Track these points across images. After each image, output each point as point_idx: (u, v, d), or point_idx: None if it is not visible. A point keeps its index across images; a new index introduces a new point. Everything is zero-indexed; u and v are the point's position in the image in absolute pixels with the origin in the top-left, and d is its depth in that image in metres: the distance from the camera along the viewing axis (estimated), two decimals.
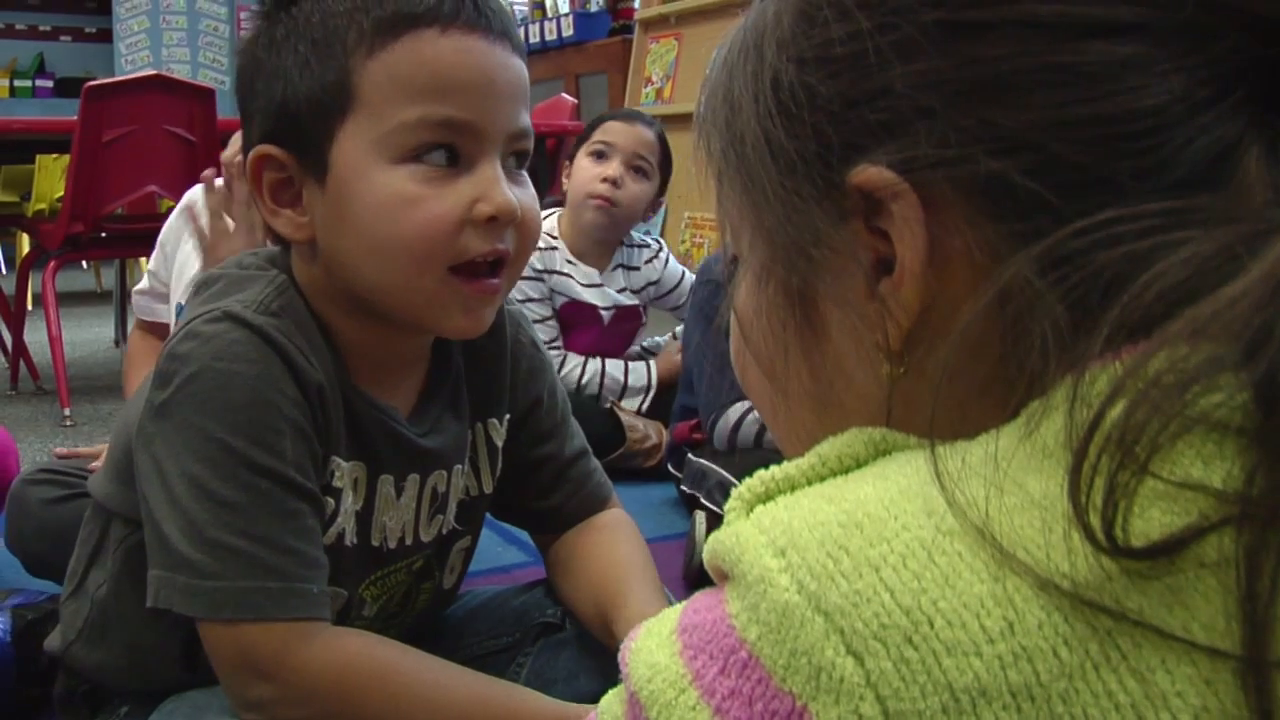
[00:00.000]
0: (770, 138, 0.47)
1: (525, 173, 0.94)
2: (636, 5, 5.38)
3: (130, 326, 3.78)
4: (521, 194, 0.91)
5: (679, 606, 0.44)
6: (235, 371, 0.87)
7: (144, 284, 1.92)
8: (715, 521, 1.76)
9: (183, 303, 1.76)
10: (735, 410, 1.98)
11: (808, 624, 0.36)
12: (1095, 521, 0.35)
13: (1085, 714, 0.34)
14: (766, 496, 0.42)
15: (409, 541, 1.04)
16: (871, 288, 0.45)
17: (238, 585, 0.85)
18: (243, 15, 7.77)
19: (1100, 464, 0.35)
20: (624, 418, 2.34)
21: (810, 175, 0.46)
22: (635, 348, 2.70)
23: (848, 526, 0.38)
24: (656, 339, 2.73)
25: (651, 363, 2.54)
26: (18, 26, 8.03)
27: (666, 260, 2.65)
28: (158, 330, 1.86)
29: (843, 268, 0.46)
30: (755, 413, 1.96)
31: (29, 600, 1.33)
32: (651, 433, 2.33)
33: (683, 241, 4.74)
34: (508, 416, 1.11)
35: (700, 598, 0.42)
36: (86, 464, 1.65)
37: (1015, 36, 0.42)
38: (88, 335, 4.36)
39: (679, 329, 2.70)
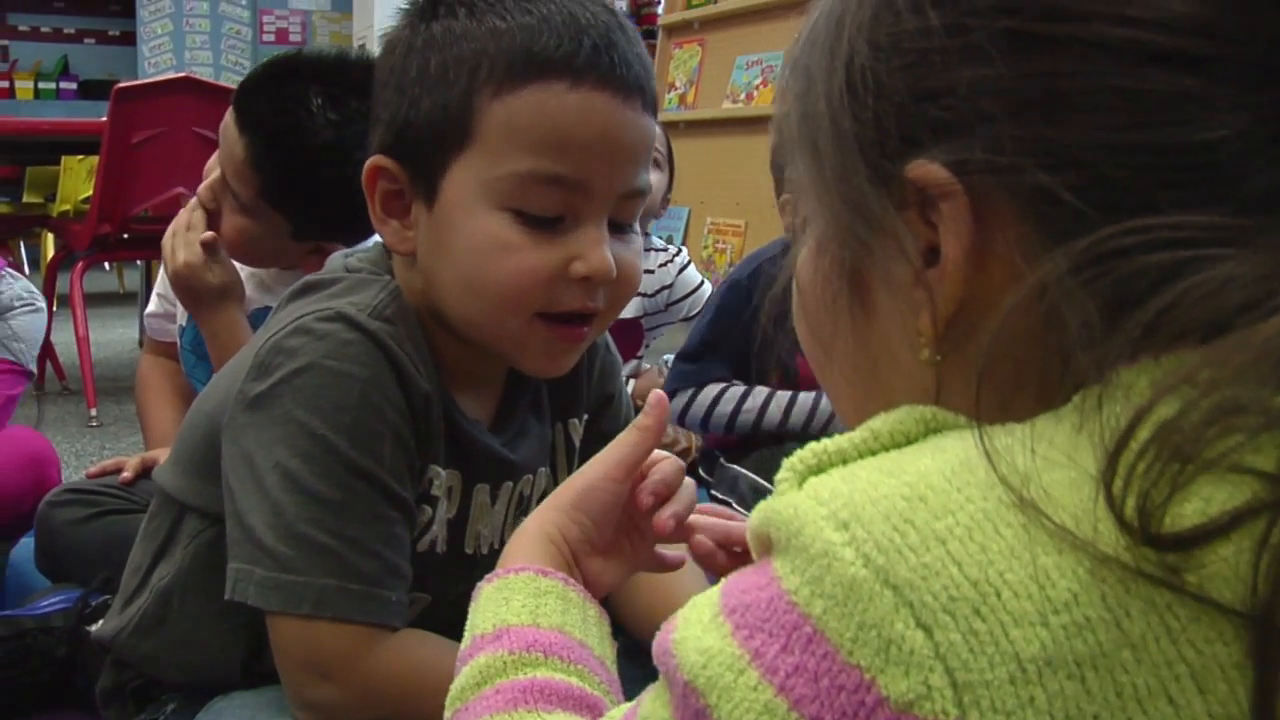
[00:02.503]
0: (836, 117, 0.48)
1: (634, 228, 0.94)
2: (660, 11, 5.38)
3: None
4: (622, 252, 0.90)
5: (713, 592, 0.44)
6: (346, 372, 0.87)
7: (154, 306, 1.89)
8: None
9: (184, 323, 1.76)
10: (706, 395, 1.97)
11: (876, 598, 0.37)
12: (1129, 512, 0.36)
13: (1146, 684, 0.35)
14: (818, 469, 0.42)
15: (497, 546, 1.04)
16: (918, 275, 0.46)
17: (320, 582, 0.84)
18: (265, 19, 7.81)
19: (1145, 458, 0.36)
20: None
21: (869, 160, 0.47)
22: (647, 364, 2.68)
23: (911, 500, 0.38)
24: (670, 356, 2.72)
25: (630, 382, 2.52)
26: (42, 29, 8.08)
27: (684, 266, 2.62)
28: (170, 352, 1.85)
29: (893, 252, 0.47)
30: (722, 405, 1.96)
31: (69, 599, 1.33)
32: (681, 437, 2.32)
33: (705, 247, 4.73)
34: (585, 416, 1.11)
35: (740, 578, 0.43)
36: (115, 479, 1.63)
37: (1082, 55, 0.42)
38: (111, 336, 4.38)
39: (668, 357, 2.68)
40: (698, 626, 0.42)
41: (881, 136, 0.46)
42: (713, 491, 2.06)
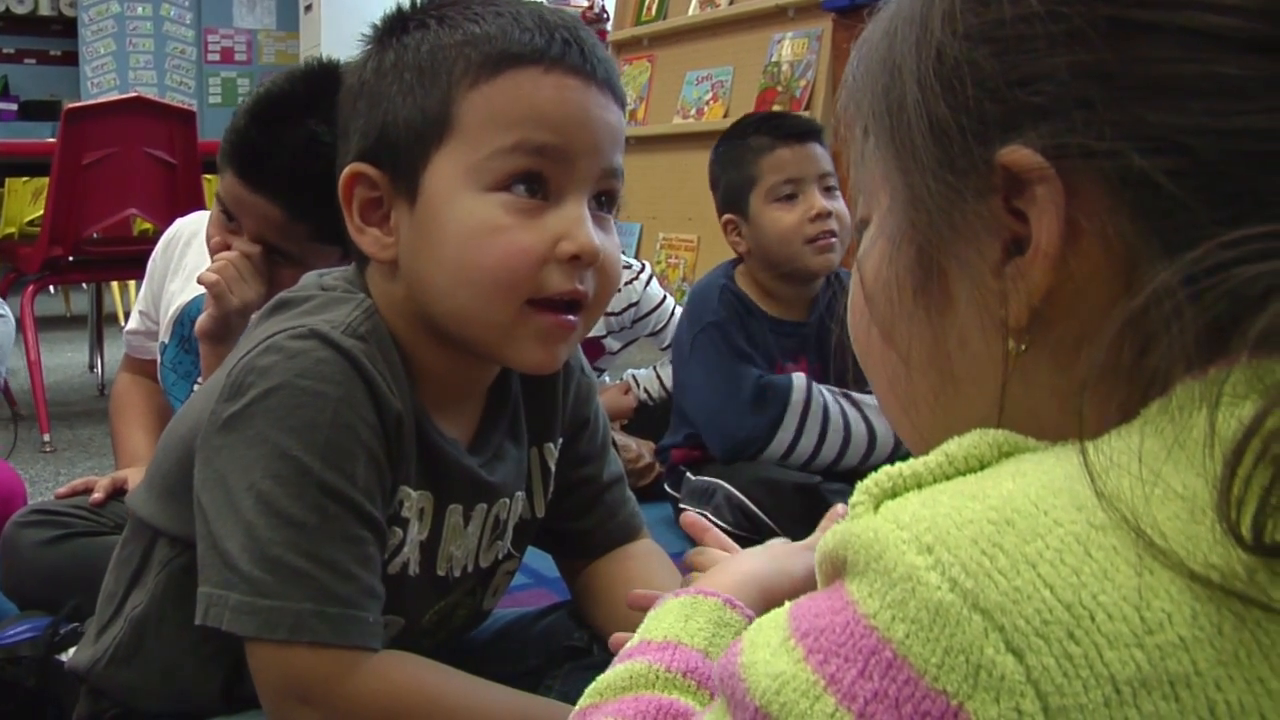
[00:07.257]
0: (929, 107, 0.48)
1: (611, 218, 0.95)
2: (609, 27, 5.39)
3: (107, 355, 3.76)
4: (604, 239, 0.91)
5: (778, 614, 0.43)
6: (319, 391, 0.86)
7: (134, 323, 1.86)
8: None
9: (166, 340, 1.74)
10: None
11: (964, 622, 0.37)
12: (1245, 522, 0.36)
13: (1240, 701, 0.35)
14: (893, 492, 0.42)
15: (470, 569, 1.04)
16: (1002, 265, 0.46)
17: (297, 607, 0.84)
18: (209, 38, 7.74)
19: (1259, 467, 0.36)
20: (616, 436, 2.33)
21: (964, 148, 0.47)
22: (609, 380, 2.68)
23: (999, 524, 0.38)
24: (636, 371, 2.72)
25: None
26: None
27: (649, 281, 2.63)
28: (149, 370, 1.82)
29: (977, 241, 0.47)
30: None
31: (37, 628, 1.31)
32: (645, 453, 2.33)
33: (658, 263, 4.74)
34: (560, 440, 1.11)
35: (811, 602, 0.42)
36: (85, 500, 1.61)
37: (1182, 42, 0.43)
38: (59, 360, 4.31)
39: (636, 371, 2.68)
40: (766, 650, 0.42)
41: (976, 123, 0.46)
42: (681, 505, 2.07)
